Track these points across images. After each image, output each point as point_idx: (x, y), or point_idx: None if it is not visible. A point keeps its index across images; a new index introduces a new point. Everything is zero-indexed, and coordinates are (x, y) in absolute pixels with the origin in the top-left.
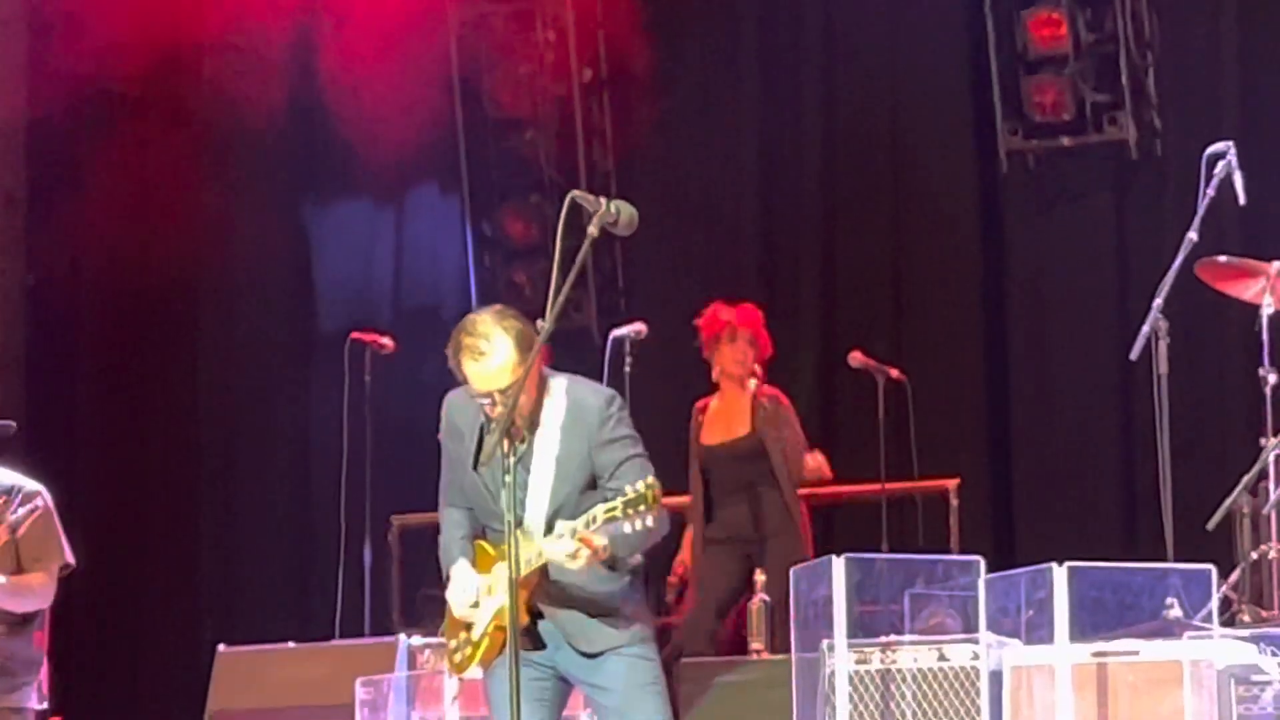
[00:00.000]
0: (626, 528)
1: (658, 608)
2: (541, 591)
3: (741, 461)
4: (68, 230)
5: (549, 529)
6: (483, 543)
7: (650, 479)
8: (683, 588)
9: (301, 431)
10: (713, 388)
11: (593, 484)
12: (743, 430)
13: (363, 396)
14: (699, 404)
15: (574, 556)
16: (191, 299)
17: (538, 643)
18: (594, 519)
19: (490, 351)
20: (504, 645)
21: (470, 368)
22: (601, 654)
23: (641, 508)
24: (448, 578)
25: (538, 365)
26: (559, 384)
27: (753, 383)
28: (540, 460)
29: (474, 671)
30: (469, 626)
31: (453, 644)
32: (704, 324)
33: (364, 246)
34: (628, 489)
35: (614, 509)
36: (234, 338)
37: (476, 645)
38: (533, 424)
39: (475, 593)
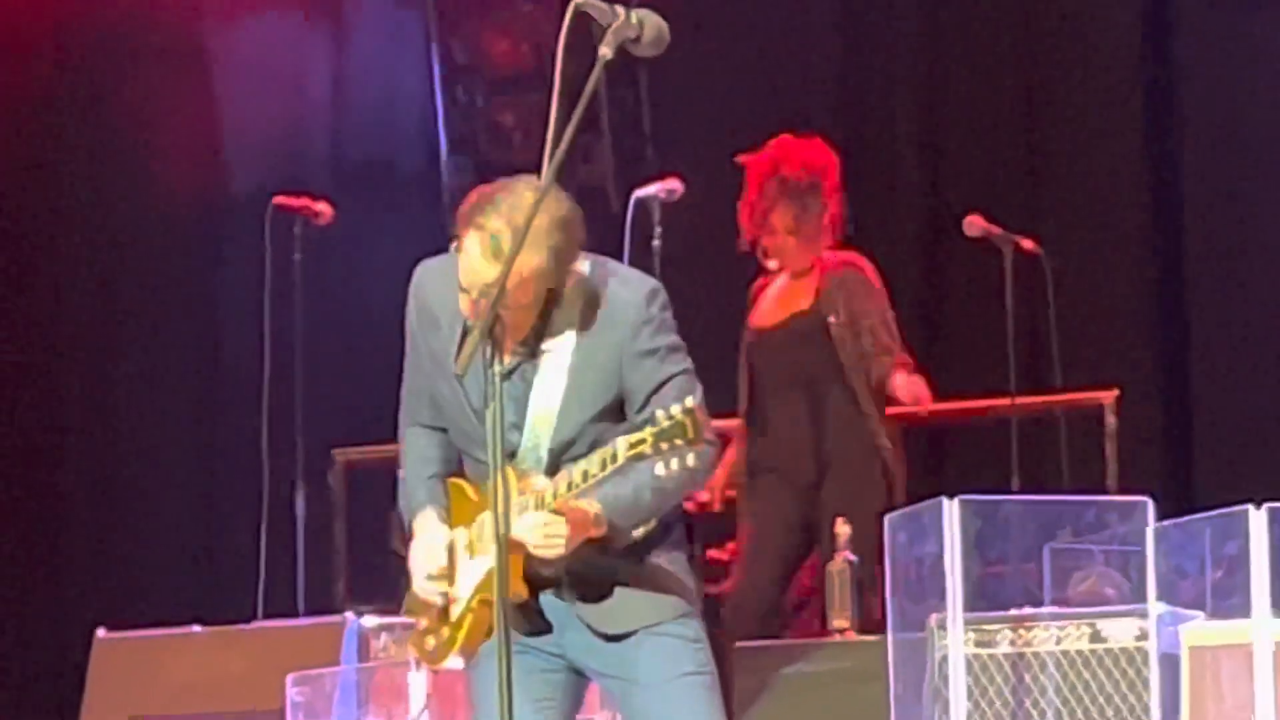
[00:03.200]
0: (659, 468)
1: (704, 569)
2: None
3: (795, 349)
4: None
5: (554, 467)
6: (461, 481)
7: (690, 401)
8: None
9: (207, 332)
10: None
11: (619, 410)
12: (801, 306)
13: (291, 283)
14: (756, 286)
15: (545, 536)
16: (51, 149)
17: (539, 624)
18: (613, 456)
19: (509, 259)
20: (493, 626)
21: (472, 254)
22: (627, 636)
23: (679, 441)
24: (410, 531)
25: None
26: (584, 269)
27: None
28: (548, 373)
29: (452, 661)
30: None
31: (423, 624)
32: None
33: (291, 76)
34: (659, 414)
35: (641, 442)
36: (109, 201)
37: (456, 626)
38: (542, 323)
39: (445, 554)
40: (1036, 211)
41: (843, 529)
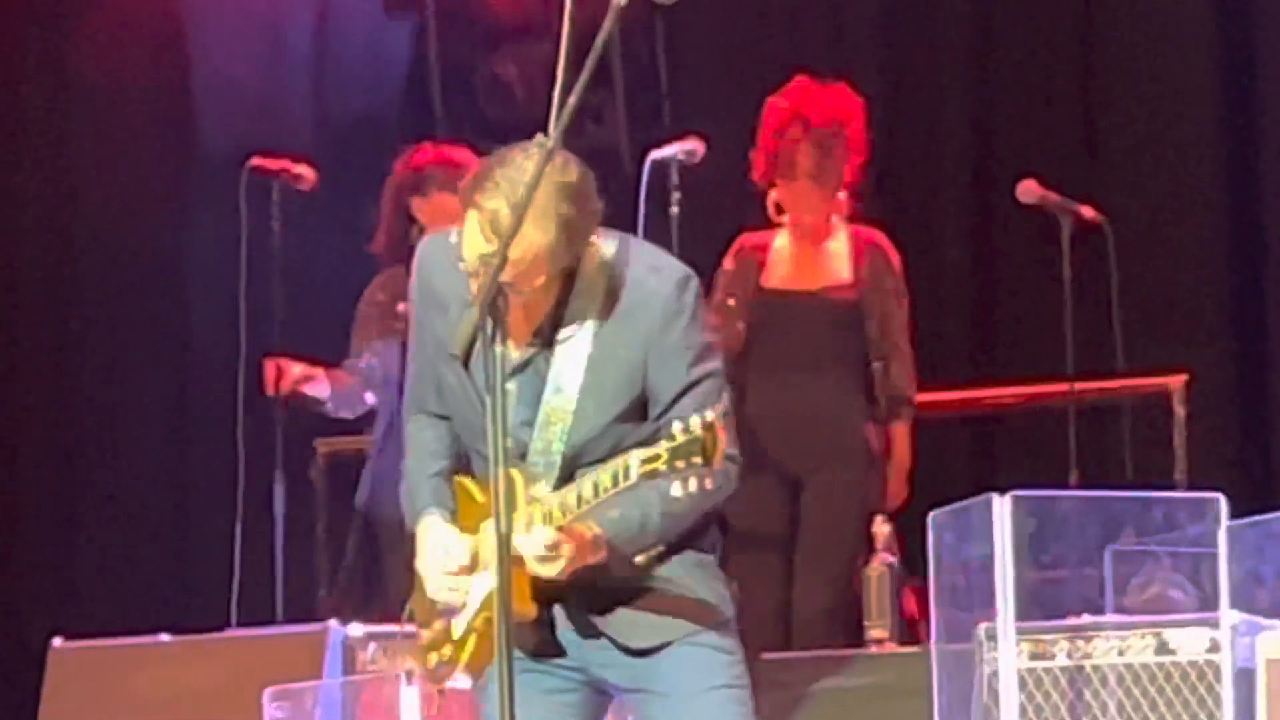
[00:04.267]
0: (675, 489)
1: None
2: None
3: (822, 326)
4: None
5: (568, 471)
6: (466, 481)
7: (710, 415)
8: None
9: (176, 309)
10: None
11: (643, 410)
12: (841, 278)
13: (269, 253)
14: (747, 239)
15: (550, 556)
16: (2, 105)
17: (552, 641)
18: (625, 472)
19: (512, 236)
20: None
21: (473, 236)
22: (657, 649)
23: (695, 459)
24: (412, 534)
25: None
26: (607, 250)
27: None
28: (564, 365)
29: (458, 681)
30: (450, 616)
31: (426, 637)
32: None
33: (269, 23)
34: (676, 428)
35: (655, 458)
36: (66, 164)
37: (459, 645)
38: (559, 309)
39: (457, 561)
40: (1098, 175)
41: (881, 528)
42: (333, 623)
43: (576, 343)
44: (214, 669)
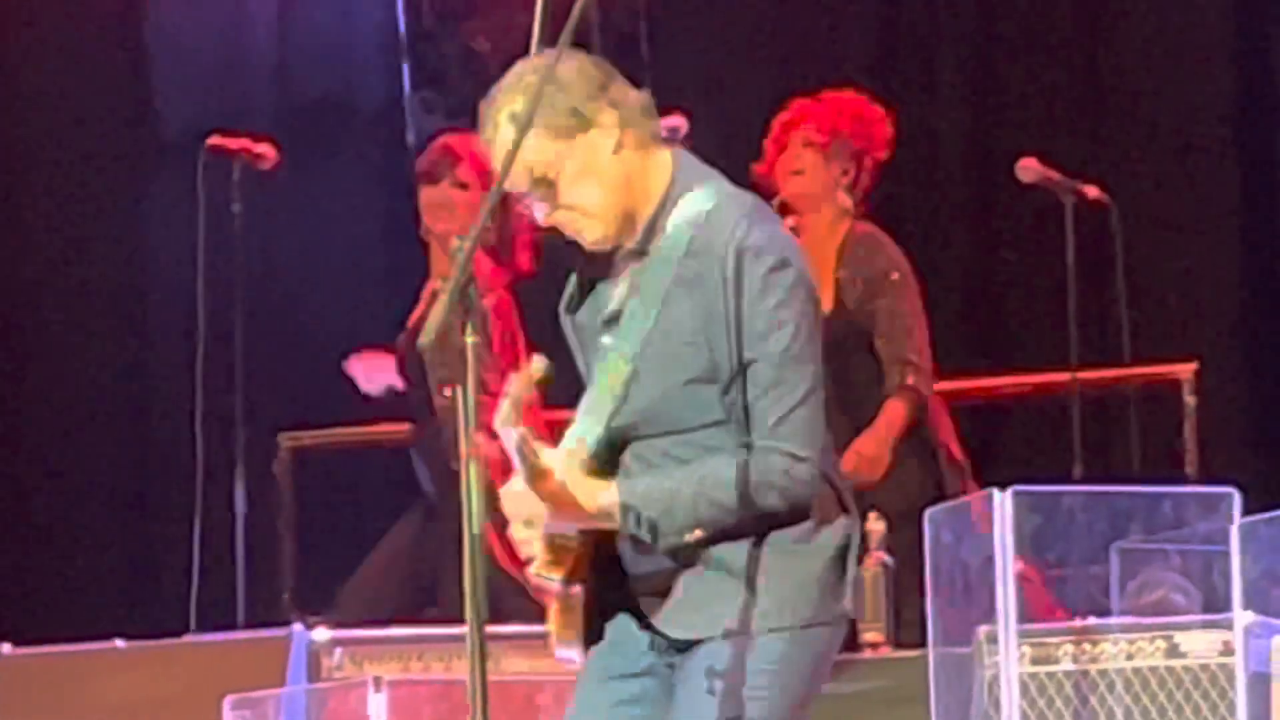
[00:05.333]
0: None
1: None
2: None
3: (832, 355)
4: None
5: (618, 450)
6: None
7: (540, 361)
8: None
9: (130, 296)
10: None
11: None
12: (825, 305)
13: (230, 237)
14: None
15: (518, 510)
16: None
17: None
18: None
19: (499, 130)
20: (584, 623)
21: (493, 160)
22: (693, 644)
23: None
24: None
25: (637, 150)
26: (696, 202)
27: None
28: (627, 330)
29: (562, 652)
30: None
31: None
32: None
33: None
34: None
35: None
36: (11, 142)
37: (548, 618)
38: (639, 263)
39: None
40: (1102, 153)
41: (875, 525)
42: (296, 627)
43: (642, 305)
44: (172, 676)
